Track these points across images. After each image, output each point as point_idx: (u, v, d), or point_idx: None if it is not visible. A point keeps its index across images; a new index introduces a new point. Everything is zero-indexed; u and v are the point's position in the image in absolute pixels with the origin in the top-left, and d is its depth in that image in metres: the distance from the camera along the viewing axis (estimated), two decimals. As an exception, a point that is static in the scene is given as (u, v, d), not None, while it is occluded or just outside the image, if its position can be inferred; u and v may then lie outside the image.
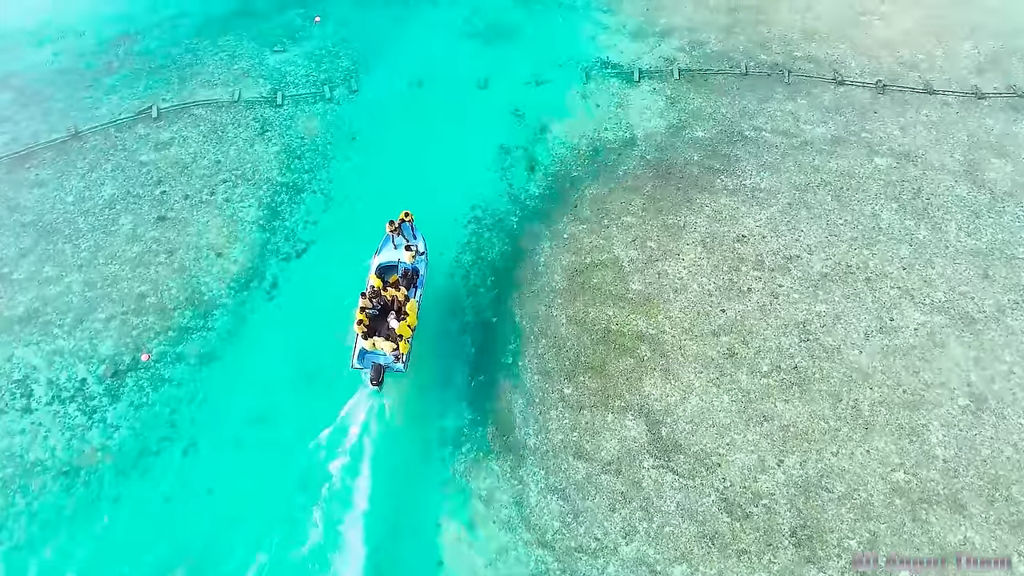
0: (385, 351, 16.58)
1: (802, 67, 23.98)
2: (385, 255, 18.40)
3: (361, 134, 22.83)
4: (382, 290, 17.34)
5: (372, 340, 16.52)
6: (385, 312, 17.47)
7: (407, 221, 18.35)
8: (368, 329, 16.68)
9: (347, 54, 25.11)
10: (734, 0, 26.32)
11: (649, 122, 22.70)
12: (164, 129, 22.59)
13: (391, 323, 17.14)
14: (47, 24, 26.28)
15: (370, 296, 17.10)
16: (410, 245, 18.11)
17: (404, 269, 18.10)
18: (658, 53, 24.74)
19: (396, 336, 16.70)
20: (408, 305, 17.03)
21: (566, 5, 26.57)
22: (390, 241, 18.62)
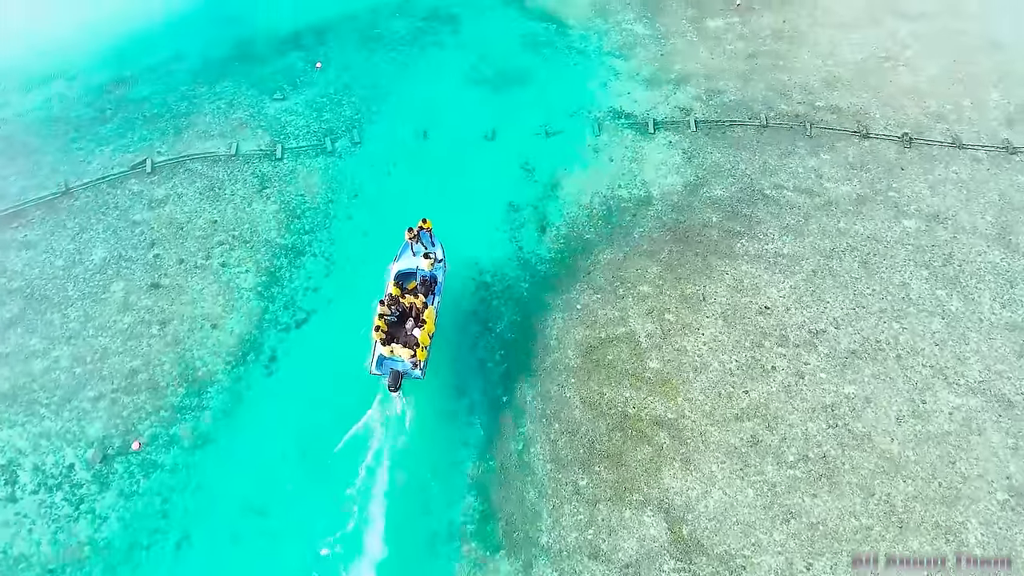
0: (403, 358, 16.76)
1: (824, 118, 23.23)
2: (404, 262, 18.59)
3: (364, 190, 22.12)
4: (400, 297, 17.56)
5: (391, 347, 16.73)
6: (403, 319, 17.60)
7: (425, 229, 18.49)
8: (386, 336, 16.90)
9: (350, 102, 24.40)
10: (752, 44, 25.57)
11: (665, 179, 21.96)
12: (159, 185, 21.90)
13: (412, 330, 17.21)
14: (38, 67, 25.63)
15: (388, 303, 17.30)
16: (428, 253, 18.19)
17: (422, 276, 18.22)
18: (673, 102, 24.00)
19: (414, 343, 16.76)
20: (426, 312, 17.17)
21: (577, 49, 25.86)
22: (408, 248, 18.76)
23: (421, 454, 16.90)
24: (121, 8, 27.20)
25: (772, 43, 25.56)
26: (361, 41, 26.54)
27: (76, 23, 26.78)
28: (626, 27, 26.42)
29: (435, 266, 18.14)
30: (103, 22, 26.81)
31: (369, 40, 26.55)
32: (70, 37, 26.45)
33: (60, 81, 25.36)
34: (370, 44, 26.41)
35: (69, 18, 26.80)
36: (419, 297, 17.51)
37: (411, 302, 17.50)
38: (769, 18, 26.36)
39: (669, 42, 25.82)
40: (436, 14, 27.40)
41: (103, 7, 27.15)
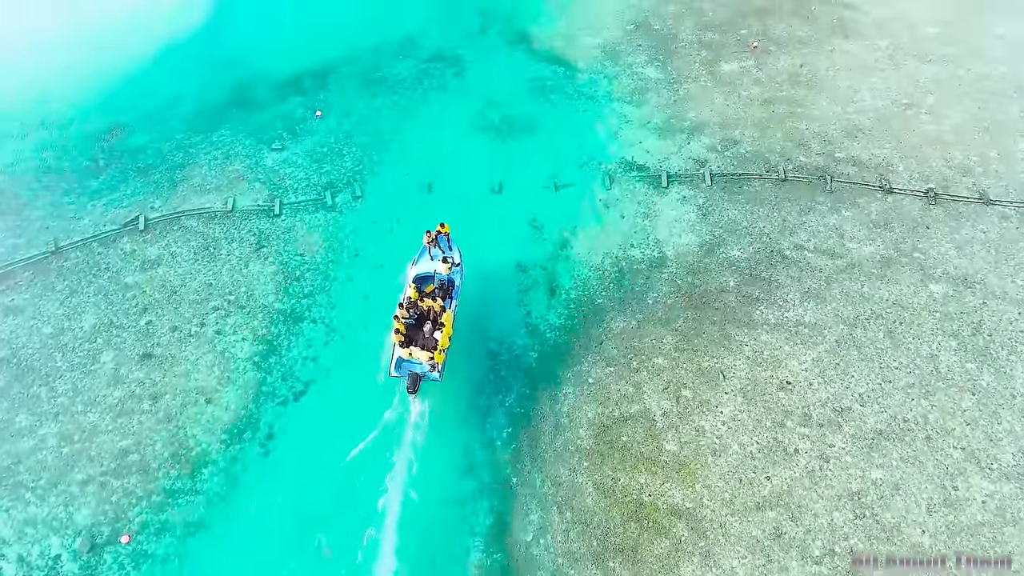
0: (422, 360, 17.25)
1: (845, 171, 22.53)
2: (422, 266, 19.06)
3: (365, 249, 21.47)
4: (419, 300, 18.04)
5: (409, 349, 17.26)
6: (421, 322, 18.00)
7: (443, 233, 18.92)
8: (405, 338, 17.38)
9: (351, 152, 23.77)
10: (768, 90, 24.88)
11: (680, 238, 21.26)
12: (152, 244, 21.26)
13: (434, 333, 17.57)
14: (30, 114, 25.12)
15: (407, 306, 17.74)
16: (447, 257, 18.61)
17: (440, 280, 18.64)
18: (687, 153, 23.32)
19: (433, 346, 17.22)
20: (444, 316, 17.64)
21: (586, 94, 25.20)
22: (427, 252, 19.22)
23: (425, 542, 16.19)
24: (117, 51, 26.71)
25: (789, 88, 24.87)
26: (363, 84, 25.92)
27: (70, 67, 26.24)
28: (637, 71, 25.75)
29: (453, 270, 18.61)
30: (98, 66, 26.33)
31: (371, 83, 25.93)
32: (64, 81, 25.90)
33: (54, 128, 24.83)
34: (372, 88, 25.78)
35: (63, 62, 26.25)
36: (437, 301, 17.99)
37: (429, 305, 17.97)
38: (785, 61, 25.68)
39: (682, 87, 25.15)
40: (440, 55, 26.78)
41: (98, 50, 26.61)
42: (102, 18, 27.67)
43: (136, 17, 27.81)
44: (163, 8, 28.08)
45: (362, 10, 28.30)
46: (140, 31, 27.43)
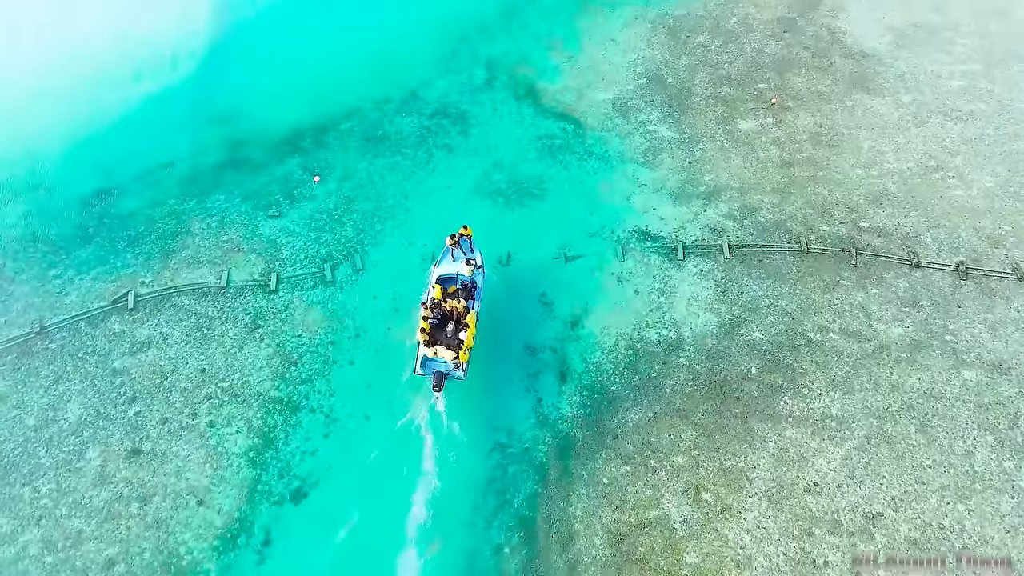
0: (446, 359, 17.96)
1: (870, 242, 21.72)
2: (444, 267, 19.85)
3: (367, 329, 20.69)
4: (443, 301, 18.80)
5: (435, 348, 18.02)
6: (444, 322, 18.80)
7: (466, 235, 19.84)
8: (429, 338, 18.12)
9: (351, 219, 23.00)
10: (788, 151, 24.09)
11: (697, 317, 20.44)
12: (141, 324, 20.48)
13: (458, 333, 18.43)
14: (16, 175, 24.35)
15: (431, 306, 18.62)
16: (469, 259, 19.52)
17: (463, 281, 19.49)
18: (704, 221, 22.52)
19: (458, 345, 18.02)
20: (468, 317, 18.45)
21: (597, 155, 24.44)
22: (449, 254, 20.04)
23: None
24: (107, 104, 25.99)
25: (810, 149, 24.07)
26: (364, 143, 25.17)
27: (59, 122, 25.51)
28: (650, 129, 24.97)
29: (475, 272, 19.45)
30: (88, 121, 25.60)
31: (372, 142, 25.19)
32: (52, 139, 25.17)
33: (41, 191, 24.13)
34: (373, 147, 25.04)
35: (51, 116, 25.50)
36: (460, 301, 18.80)
37: (452, 306, 18.78)
38: (805, 118, 24.89)
39: (698, 147, 24.36)
40: (445, 111, 26.02)
41: (89, 103, 25.89)
42: (92, 69, 26.88)
43: (127, 68, 27.12)
44: (156, 60, 27.35)
45: (364, 61, 27.55)
46: (131, 83, 26.73)
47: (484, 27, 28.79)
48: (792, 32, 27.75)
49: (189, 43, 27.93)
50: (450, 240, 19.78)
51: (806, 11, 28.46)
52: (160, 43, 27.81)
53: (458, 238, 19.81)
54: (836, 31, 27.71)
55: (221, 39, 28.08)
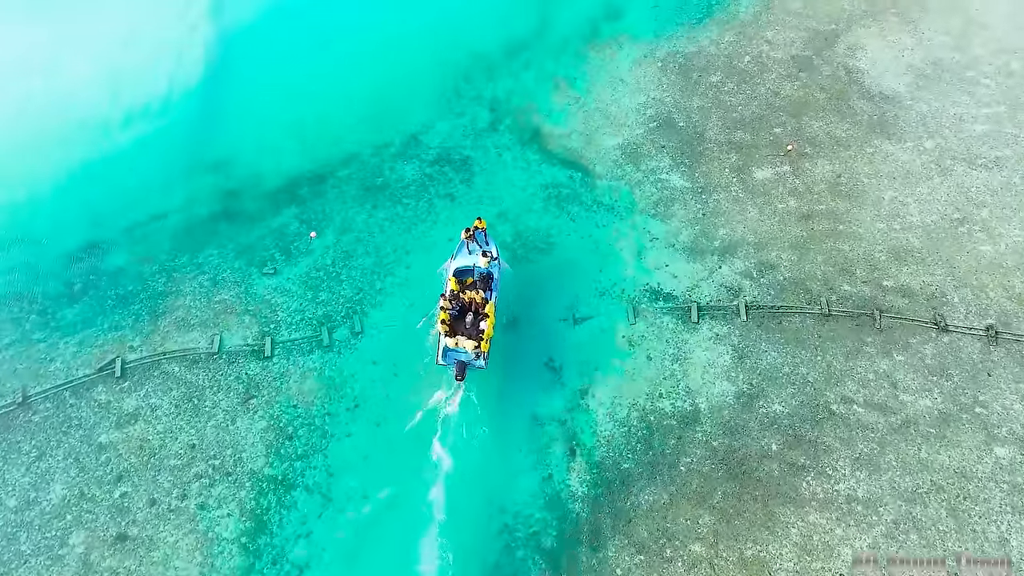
0: (467, 349, 18.52)
1: (894, 304, 20.88)
2: (460, 260, 20.36)
3: (365, 398, 19.94)
4: (460, 292, 19.42)
5: (456, 338, 18.56)
6: (463, 313, 19.40)
7: (480, 228, 20.25)
8: (450, 329, 18.66)
9: (349, 277, 22.22)
10: (806, 202, 23.27)
11: (714, 387, 19.62)
12: (129, 394, 19.72)
13: (478, 324, 19.02)
14: (4, 228, 23.46)
15: (449, 298, 19.21)
16: (485, 251, 20.00)
17: (480, 273, 20.05)
18: (719, 279, 21.70)
19: (478, 334, 18.62)
20: (488, 307, 19.18)
21: (606, 205, 23.63)
22: (464, 247, 20.44)
23: None
24: (97, 155, 25.27)
25: (829, 200, 23.25)
26: (363, 192, 24.39)
27: (44, 169, 24.69)
28: (661, 177, 24.15)
29: (491, 263, 19.99)
30: (76, 172, 24.83)
31: (372, 191, 24.40)
32: (37, 187, 24.36)
33: (27, 245, 23.30)
34: (372, 197, 24.25)
35: (38, 169, 24.73)
36: (478, 292, 19.44)
37: (471, 297, 19.42)
38: (824, 166, 24.07)
39: (711, 198, 23.54)
40: (447, 157, 25.23)
41: (76, 154, 25.19)
42: (81, 113, 26.18)
43: (117, 112, 26.39)
44: (147, 103, 26.59)
45: (363, 102, 26.75)
46: (122, 128, 26.01)
47: (488, 65, 27.99)
48: (808, 72, 26.92)
49: (181, 85, 27.17)
50: (465, 233, 20.22)
51: (822, 49, 27.62)
52: (152, 86, 27.04)
53: (473, 231, 20.21)
54: (854, 71, 26.87)
55: (214, 81, 27.29)
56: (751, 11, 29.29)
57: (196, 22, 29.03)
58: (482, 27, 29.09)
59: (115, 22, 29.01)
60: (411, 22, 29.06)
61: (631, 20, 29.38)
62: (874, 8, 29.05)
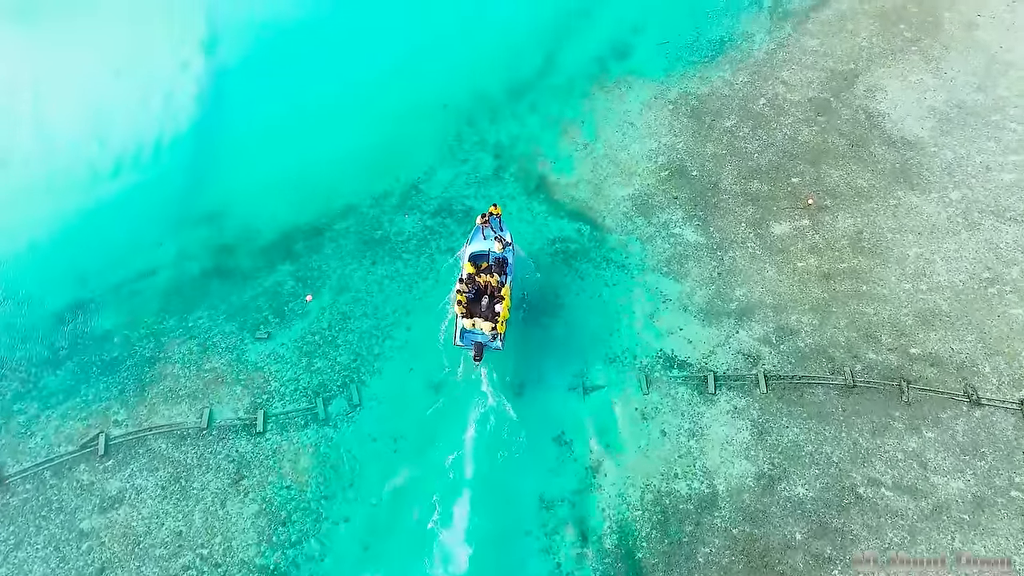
0: (484, 330, 19.40)
1: (922, 374, 19.96)
2: (476, 245, 21.13)
3: (363, 477, 19.10)
4: (476, 276, 20.24)
5: (473, 320, 19.44)
6: (479, 296, 20.14)
7: (495, 215, 21.05)
8: (466, 311, 19.52)
9: (346, 341, 21.33)
10: (827, 259, 22.37)
11: (732, 466, 18.70)
12: (113, 474, 18.85)
13: (493, 306, 19.80)
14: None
15: (466, 281, 19.97)
16: (499, 236, 20.72)
17: (495, 258, 20.72)
18: (736, 345, 20.78)
19: (494, 316, 19.42)
20: (503, 290, 20.01)
21: (616, 262, 22.75)
22: (479, 232, 21.18)
23: None
24: (84, 207, 24.41)
25: (851, 257, 22.34)
26: (361, 247, 23.52)
27: (31, 227, 23.88)
28: (674, 231, 23.25)
29: (505, 249, 20.77)
30: (62, 225, 23.97)
31: (370, 245, 23.52)
32: (23, 246, 23.52)
33: (10, 304, 22.43)
34: (371, 251, 23.37)
35: (23, 221, 23.92)
36: (493, 276, 20.18)
37: (486, 281, 20.15)
38: (845, 220, 23.16)
39: (727, 254, 22.63)
40: (449, 208, 24.36)
41: (63, 206, 24.33)
42: (67, 161, 25.35)
43: (106, 160, 25.55)
44: (136, 151, 25.74)
45: (361, 148, 25.88)
46: (110, 177, 25.20)
47: (492, 107, 27.14)
48: (827, 116, 26.02)
49: (172, 128, 26.35)
50: (481, 219, 21.02)
51: (841, 91, 26.73)
52: (142, 128, 26.24)
53: (488, 217, 20.97)
54: (874, 114, 25.97)
55: (207, 125, 26.47)
56: (765, 48, 28.42)
57: (189, 59, 28.18)
58: (485, 66, 28.27)
59: (102, 58, 28.20)
60: (411, 63, 28.22)
61: (640, 58, 28.51)
62: (893, 46, 28.17)
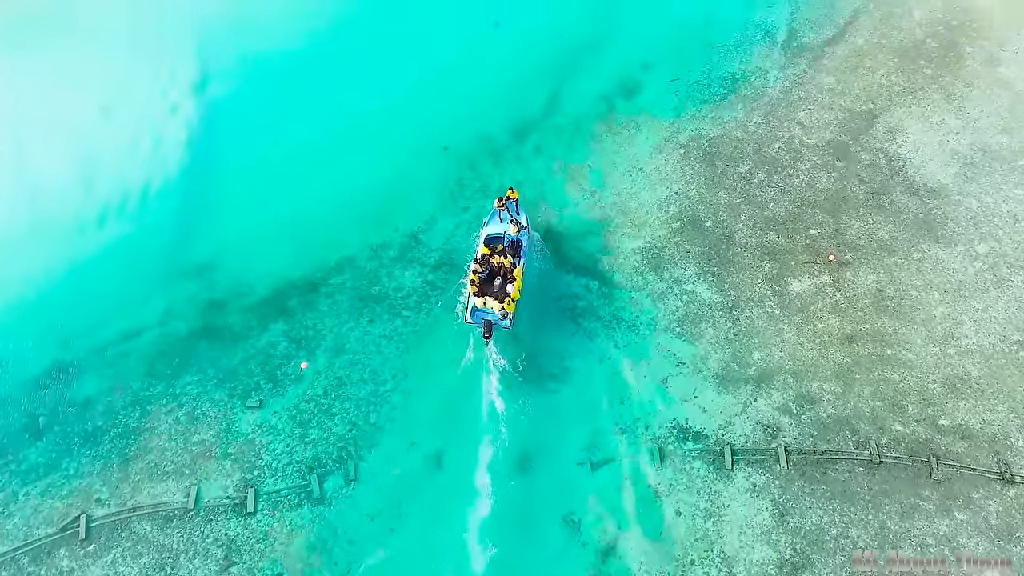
0: (494, 309, 20.21)
1: (952, 448, 19.09)
2: (492, 228, 22.06)
3: (361, 560, 18.26)
4: (490, 257, 21.15)
5: (483, 298, 20.36)
6: (492, 276, 21.03)
7: (512, 199, 21.92)
8: (479, 289, 20.41)
9: (342, 410, 20.51)
10: (849, 320, 21.51)
11: (753, 553, 17.83)
12: (94, 559, 18.10)
13: (505, 286, 20.70)
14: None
15: (480, 262, 20.93)
16: (515, 220, 21.71)
17: (509, 240, 21.61)
18: (755, 415, 19.91)
19: (504, 296, 20.28)
20: (516, 271, 20.88)
21: (626, 322, 21.90)
22: (496, 215, 22.16)
23: None
24: (68, 261, 23.57)
25: (875, 318, 21.44)
26: (358, 303, 22.69)
27: (11, 283, 23.03)
28: (687, 288, 22.36)
29: (520, 232, 21.54)
30: (45, 281, 23.10)
31: (368, 301, 22.67)
32: (3, 305, 22.62)
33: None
34: (368, 308, 22.54)
35: (4, 277, 23.02)
36: (507, 257, 21.04)
37: (499, 262, 21.03)
38: (867, 277, 22.27)
39: (744, 314, 21.75)
40: (450, 261, 23.49)
41: (45, 259, 23.45)
42: (50, 211, 24.48)
43: (91, 210, 24.68)
44: (123, 194, 24.91)
45: (359, 196, 24.99)
46: (95, 228, 24.36)
47: (494, 150, 26.27)
48: (846, 161, 25.12)
49: (161, 175, 25.52)
50: (498, 203, 21.84)
51: (860, 133, 25.83)
52: (129, 175, 25.41)
53: (505, 200, 21.79)
54: (895, 159, 25.07)
55: (197, 170, 25.60)
56: (780, 86, 27.52)
57: (178, 101, 27.33)
58: (487, 105, 27.40)
59: (90, 98, 27.32)
60: (410, 102, 27.35)
61: (649, 96, 27.62)
62: (913, 84, 27.26)
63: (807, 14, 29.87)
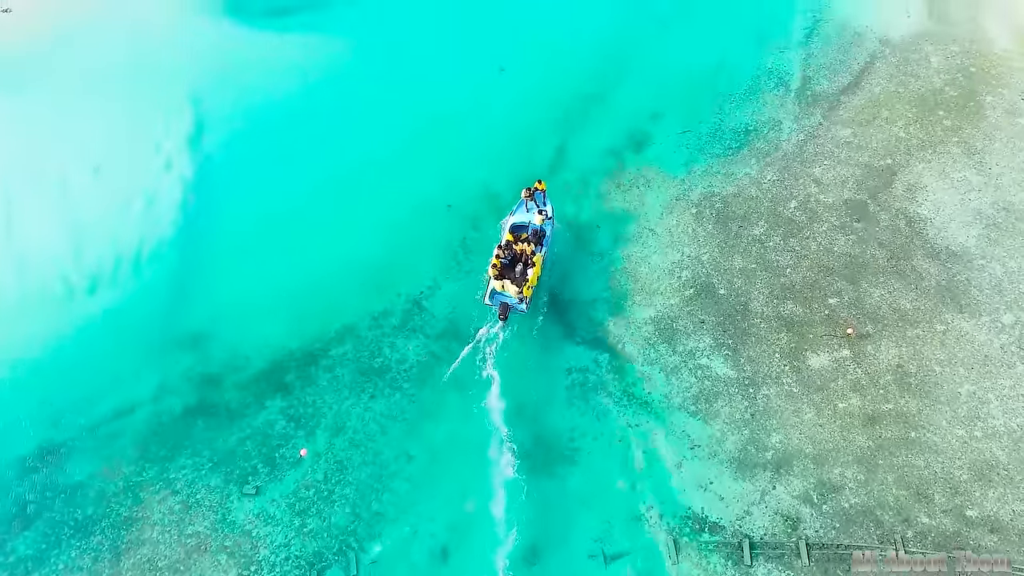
0: (511, 293, 21.79)
1: (982, 542, 18.50)
2: (518, 216, 23.49)
3: (362, 669, 17.40)
4: (514, 244, 22.57)
5: (503, 281, 21.89)
6: (514, 263, 22.42)
7: (540, 190, 23.13)
8: (499, 272, 21.98)
9: (343, 496, 19.92)
10: (871, 399, 20.94)
11: (773, 659, 17.09)
12: (83, 668, 17.24)
13: (526, 272, 22.09)
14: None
15: (503, 248, 22.33)
16: (541, 210, 23.15)
17: (534, 229, 23.09)
18: (774, 504, 19.28)
19: (523, 280, 21.85)
20: (536, 258, 22.29)
21: (638, 399, 21.34)
22: (523, 205, 23.53)
23: None
24: (56, 333, 23.03)
25: (897, 397, 20.83)
26: (359, 377, 22.12)
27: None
28: (702, 363, 21.76)
29: (545, 222, 23.15)
30: (33, 355, 22.55)
31: (369, 375, 22.11)
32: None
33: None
34: (371, 384, 21.98)
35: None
36: (529, 245, 22.52)
37: (522, 249, 22.43)
38: (889, 351, 21.66)
39: (760, 392, 21.13)
40: (455, 330, 22.92)
41: (33, 332, 22.96)
42: (39, 280, 23.91)
43: (80, 273, 24.20)
44: (114, 260, 24.38)
45: (359, 262, 24.39)
46: (86, 297, 23.79)
47: (499, 208, 25.60)
48: (864, 221, 24.52)
49: (154, 239, 24.96)
50: (526, 193, 23.00)
51: (878, 191, 25.24)
52: (121, 239, 24.85)
53: (533, 191, 22.99)
54: (915, 220, 24.47)
55: (191, 234, 25.04)
56: (794, 139, 26.96)
57: (172, 157, 26.77)
58: (491, 160, 26.85)
59: (79, 155, 26.74)
60: (410, 158, 26.81)
61: (659, 149, 27.10)
62: (932, 136, 26.70)
63: (821, 59, 29.40)
